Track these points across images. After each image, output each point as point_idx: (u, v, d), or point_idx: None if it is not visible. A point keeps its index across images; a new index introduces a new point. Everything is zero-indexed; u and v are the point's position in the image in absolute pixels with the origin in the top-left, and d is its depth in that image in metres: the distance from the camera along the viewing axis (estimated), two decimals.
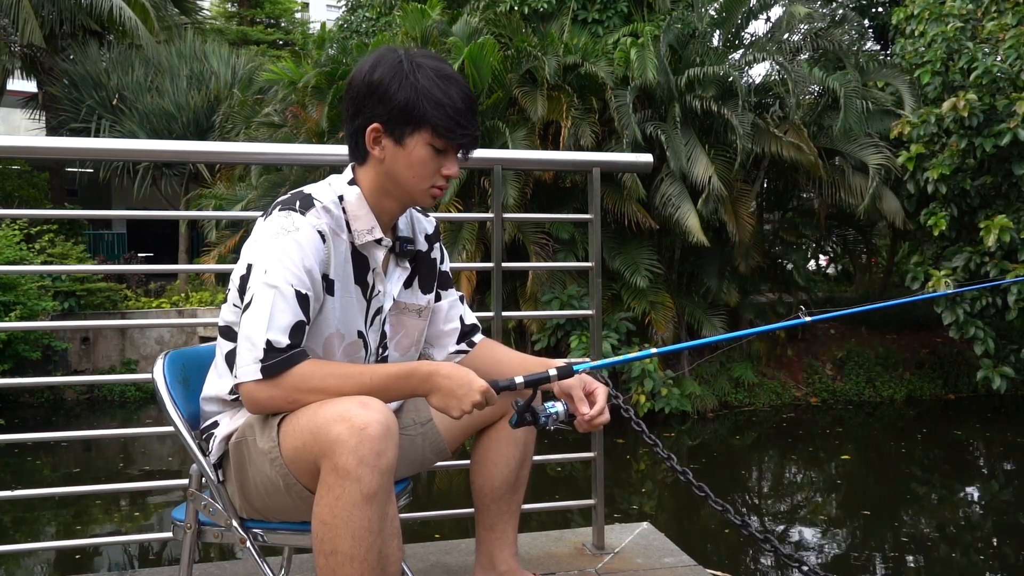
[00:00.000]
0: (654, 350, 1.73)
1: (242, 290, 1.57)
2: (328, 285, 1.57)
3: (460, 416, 1.52)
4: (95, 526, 6.90)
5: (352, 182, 1.64)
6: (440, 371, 1.52)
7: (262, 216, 1.60)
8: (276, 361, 1.47)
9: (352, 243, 1.61)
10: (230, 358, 1.59)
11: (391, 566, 1.45)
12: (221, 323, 1.64)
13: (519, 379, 1.59)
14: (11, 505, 6.78)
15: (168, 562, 5.65)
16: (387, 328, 1.70)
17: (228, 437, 1.61)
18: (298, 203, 1.56)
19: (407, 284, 1.73)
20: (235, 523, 1.59)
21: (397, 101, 1.53)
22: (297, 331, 1.49)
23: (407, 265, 1.73)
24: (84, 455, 9.47)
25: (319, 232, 1.54)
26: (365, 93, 1.56)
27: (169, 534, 1.73)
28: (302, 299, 1.50)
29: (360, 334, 1.63)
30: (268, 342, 1.47)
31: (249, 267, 1.55)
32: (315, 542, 1.42)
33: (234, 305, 1.61)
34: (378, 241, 1.63)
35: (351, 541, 1.39)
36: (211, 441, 1.62)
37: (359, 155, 1.62)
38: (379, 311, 1.67)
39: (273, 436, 1.50)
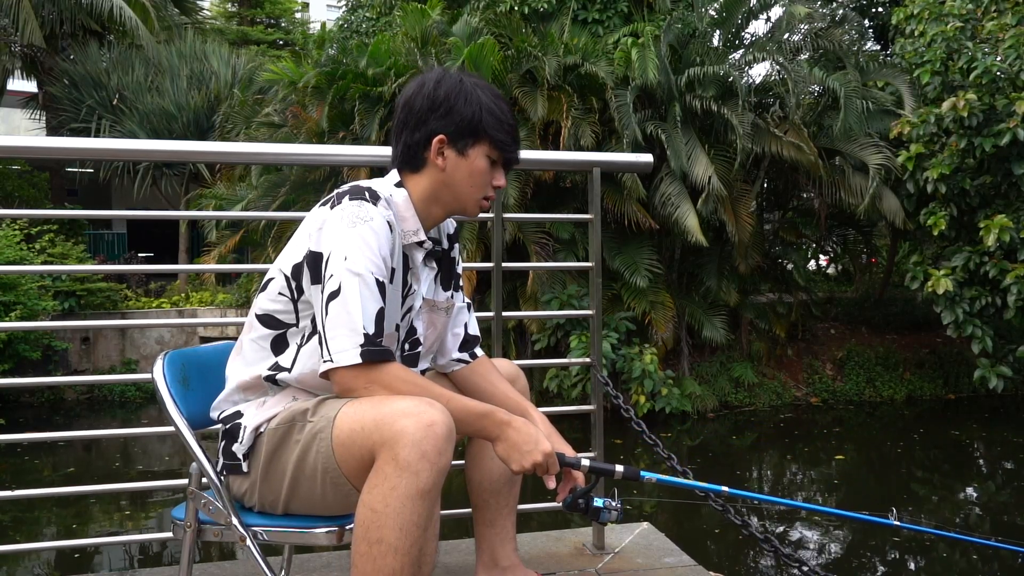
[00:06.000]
0: (726, 488, 1.72)
1: (297, 276, 1.61)
2: (391, 275, 1.62)
3: (519, 471, 1.60)
4: (95, 526, 6.90)
5: (399, 186, 1.70)
6: (514, 423, 1.60)
7: (325, 205, 1.63)
8: (375, 350, 1.52)
9: (400, 241, 1.67)
10: (277, 345, 1.64)
11: (426, 565, 1.48)
12: (259, 311, 1.66)
13: (585, 462, 1.67)
14: (11, 505, 6.78)
15: (168, 562, 5.65)
16: (418, 324, 1.74)
17: (258, 427, 1.62)
18: (367, 194, 1.61)
19: (433, 282, 1.80)
20: (235, 521, 1.59)
21: (463, 115, 1.65)
22: (380, 319, 1.55)
23: (434, 265, 1.79)
24: (84, 455, 9.47)
25: (388, 223, 1.60)
26: (429, 107, 1.66)
27: (169, 534, 1.73)
28: (380, 287, 1.56)
29: (396, 327, 1.68)
30: (365, 328, 1.51)
31: (314, 255, 1.58)
32: (359, 528, 1.44)
33: (280, 294, 1.64)
34: (420, 243, 1.70)
35: (398, 532, 1.41)
36: (239, 432, 1.63)
37: (415, 163, 1.69)
38: (410, 309, 1.72)
39: (330, 417, 1.52)
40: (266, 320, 1.65)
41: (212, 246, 12.28)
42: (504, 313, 2.56)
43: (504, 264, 2.56)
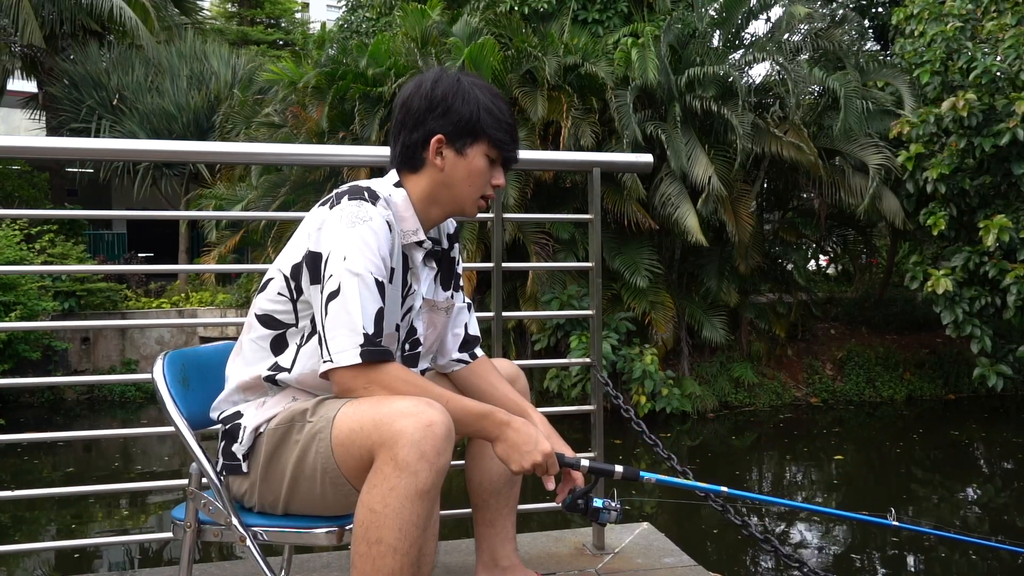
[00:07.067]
0: (725, 489, 1.72)
1: (296, 277, 1.61)
2: (390, 275, 1.62)
3: (519, 471, 1.60)
4: (95, 526, 6.90)
5: (398, 186, 1.70)
6: (513, 424, 1.60)
7: (324, 205, 1.63)
8: (374, 350, 1.51)
9: (400, 241, 1.67)
10: (276, 345, 1.64)
11: (425, 566, 1.48)
12: (258, 311, 1.66)
13: (585, 462, 1.67)
14: (11, 505, 6.78)
15: (168, 562, 5.65)
16: (418, 324, 1.74)
17: (258, 428, 1.62)
18: (366, 194, 1.61)
19: (433, 282, 1.79)
20: (235, 521, 1.59)
21: (461, 115, 1.65)
22: (379, 319, 1.54)
23: (434, 265, 1.78)
24: (84, 455, 9.47)
25: (387, 223, 1.60)
26: (427, 107, 1.66)
27: (169, 534, 1.73)
28: (380, 287, 1.56)
29: (397, 327, 1.68)
30: (365, 328, 1.51)
31: (313, 255, 1.58)
32: (358, 529, 1.44)
33: (279, 294, 1.64)
34: (419, 243, 1.70)
35: (397, 533, 1.41)
36: (239, 432, 1.63)
37: (414, 164, 1.69)
38: (410, 309, 1.72)
39: (329, 417, 1.52)
40: (266, 320, 1.65)
41: (212, 246, 12.27)
42: (504, 313, 2.56)
43: (504, 264, 2.56)
